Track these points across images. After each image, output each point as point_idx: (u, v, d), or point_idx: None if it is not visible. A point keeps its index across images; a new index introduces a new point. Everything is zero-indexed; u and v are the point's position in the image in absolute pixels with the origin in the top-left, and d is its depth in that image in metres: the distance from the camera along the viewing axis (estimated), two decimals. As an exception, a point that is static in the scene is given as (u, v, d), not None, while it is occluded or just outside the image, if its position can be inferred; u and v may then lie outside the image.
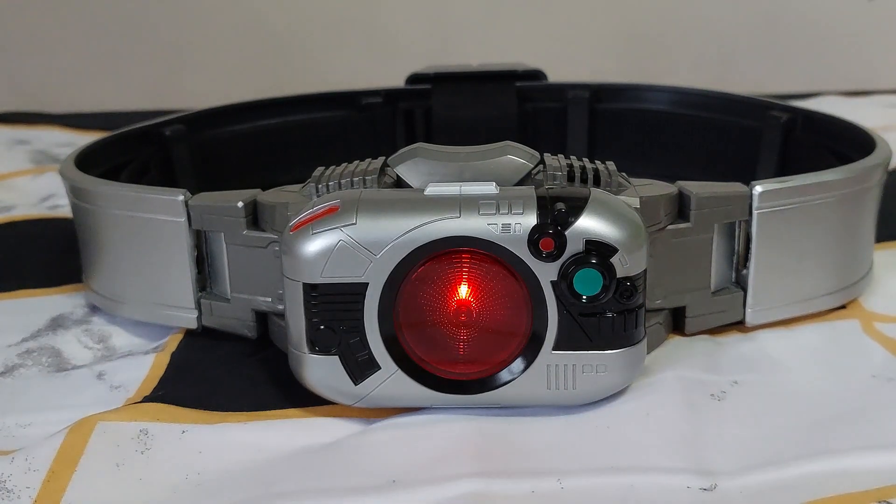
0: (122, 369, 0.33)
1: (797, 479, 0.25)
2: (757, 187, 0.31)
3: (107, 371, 0.33)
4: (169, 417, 0.29)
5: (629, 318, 0.27)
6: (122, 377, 0.32)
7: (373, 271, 0.27)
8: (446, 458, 0.27)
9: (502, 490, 0.25)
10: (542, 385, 0.28)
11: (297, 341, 0.28)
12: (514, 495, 0.25)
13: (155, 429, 0.28)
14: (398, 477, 0.26)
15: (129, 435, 0.28)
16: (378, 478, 0.26)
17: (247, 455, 0.27)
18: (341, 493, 0.25)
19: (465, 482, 0.25)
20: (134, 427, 0.28)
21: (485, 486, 0.25)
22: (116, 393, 0.31)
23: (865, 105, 0.66)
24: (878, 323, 0.34)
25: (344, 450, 0.27)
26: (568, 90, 0.50)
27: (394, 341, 0.27)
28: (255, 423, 0.29)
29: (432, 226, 0.27)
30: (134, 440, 0.28)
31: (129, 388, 0.31)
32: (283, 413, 0.29)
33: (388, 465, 0.26)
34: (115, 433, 0.28)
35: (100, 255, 0.35)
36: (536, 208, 0.26)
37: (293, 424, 0.29)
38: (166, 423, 0.28)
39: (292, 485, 0.26)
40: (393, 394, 0.28)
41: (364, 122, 0.50)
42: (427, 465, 0.26)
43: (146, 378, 0.32)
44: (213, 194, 0.32)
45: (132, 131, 0.43)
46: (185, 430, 0.28)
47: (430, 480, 0.25)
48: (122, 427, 0.28)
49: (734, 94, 0.48)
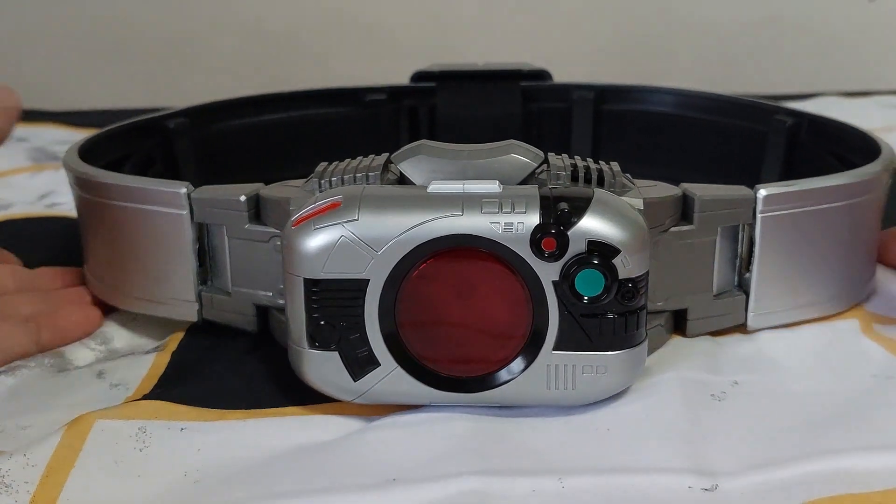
0: (122, 368, 0.33)
1: (798, 480, 0.25)
2: (761, 191, 0.31)
3: (106, 370, 0.33)
4: (168, 415, 0.29)
5: (630, 320, 0.27)
6: (121, 375, 0.32)
7: (374, 268, 0.27)
8: (446, 456, 0.26)
9: (502, 489, 0.25)
10: (542, 385, 0.28)
11: (297, 337, 0.28)
12: (515, 494, 0.25)
13: (153, 426, 0.28)
14: (398, 475, 0.26)
15: (127, 432, 0.28)
16: (378, 476, 0.26)
17: (246, 453, 0.27)
18: (341, 491, 0.25)
19: (465, 481, 0.25)
20: (132, 425, 0.28)
21: (485, 484, 0.25)
22: (116, 391, 0.31)
23: (866, 105, 0.66)
24: (878, 324, 0.34)
25: (343, 448, 0.27)
26: (573, 91, 0.50)
27: (394, 338, 0.27)
28: (254, 420, 0.29)
29: (434, 223, 0.26)
30: (132, 437, 0.28)
31: (129, 386, 0.31)
32: (282, 411, 0.29)
33: (387, 463, 0.26)
34: (113, 430, 0.28)
35: (102, 246, 0.35)
36: (539, 208, 0.26)
37: (292, 422, 0.29)
38: (165, 421, 0.28)
39: (291, 483, 0.26)
40: (392, 390, 0.28)
41: (368, 118, 0.50)
42: (427, 463, 0.26)
43: (146, 376, 0.32)
44: (216, 188, 0.32)
45: (135, 123, 0.43)
46: (183, 427, 0.28)
47: (429, 479, 0.25)
48: (120, 424, 0.28)
49: (739, 98, 0.48)
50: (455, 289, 0.27)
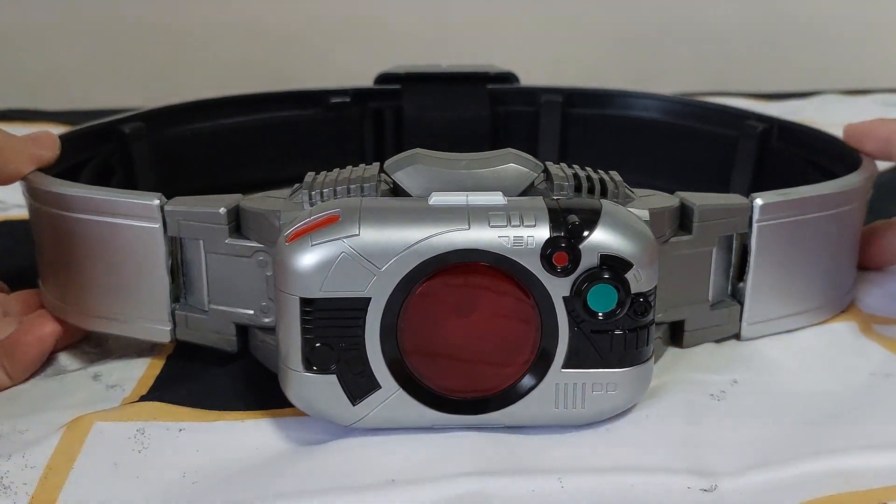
0: (117, 370, 0.32)
1: (796, 479, 0.25)
2: (757, 200, 0.31)
3: (102, 372, 0.32)
4: (166, 416, 0.28)
5: (641, 336, 0.26)
6: (117, 377, 0.32)
7: (376, 285, 0.25)
8: (445, 457, 0.26)
9: (502, 489, 0.25)
10: (551, 404, 0.27)
11: (290, 358, 0.26)
12: (514, 495, 0.25)
13: (152, 427, 0.28)
14: (397, 476, 0.25)
15: (126, 434, 0.27)
16: (376, 477, 0.25)
17: (244, 454, 0.27)
18: (339, 492, 0.25)
19: (464, 481, 0.25)
20: (131, 426, 0.28)
21: (484, 485, 0.25)
22: (113, 393, 0.31)
23: (864, 104, 0.67)
24: (877, 325, 0.35)
25: (342, 448, 0.27)
26: (541, 94, 0.49)
27: (396, 359, 0.26)
28: (253, 421, 0.28)
29: (440, 238, 0.25)
30: (131, 439, 0.27)
31: (125, 388, 0.31)
32: (281, 412, 0.28)
33: (386, 464, 0.26)
34: (112, 432, 0.27)
35: (62, 263, 0.32)
36: (549, 220, 0.25)
37: (291, 423, 0.28)
38: (163, 422, 0.28)
39: (290, 484, 0.25)
40: (393, 415, 0.26)
41: (332, 121, 0.48)
42: (426, 464, 0.26)
43: (142, 378, 0.31)
44: (191, 199, 0.30)
45: (90, 128, 0.40)
46: (182, 428, 0.28)
47: (428, 479, 0.25)
48: (119, 426, 0.28)
49: (710, 103, 0.48)
50: (461, 306, 0.26)
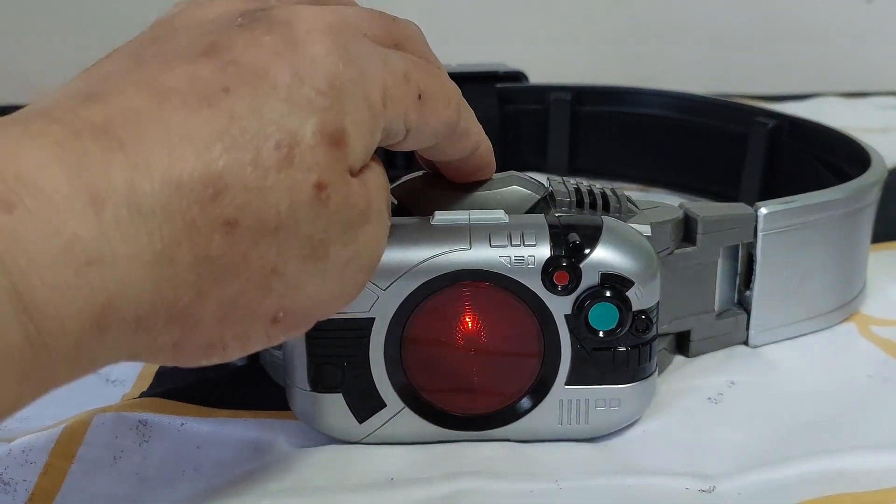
0: (118, 366, 0.32)
1: (794, 480, 0.25)
2: (762, 209, 0.31)
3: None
4: (167, 411, 0.28)
5: (643, 352, 0.26)
6: (118, 372, 0.32)
7: (379, 306, 0.26)
8: (444, 457, 0.26)
9: (501, 490, 0.25)
10: (554, 420, 0.27)
11: (297, 378, 0.27)
12: (513, 495, 0.25)
13: (153, 423, 0.28)
14: (396, 475, 0.26)
15: (127, 427, 0.27)
16: (376, 476, 0.26)
17: (245, 452, 0.27)
18: (339, 491, 0.25)
19: (463, 481, 0.25)
20: (132, 420, 0.28)
21: (483, 486, 0.25)
22: (113, 388, 0.31)
23: (864, 106, 0.66)
24: (875, 326, 0.34)
25: (342, 448, 0.27)
26: (549, 92, 0.49)
27: (401, 378, 0.26)
28: (255, 420, 0.28)
29: (442, 258, 0.25)
30: (132, 432, 0.27)
31: (125, 382, 0.31)
32: (284, 414, 0.29)
33: (385, 463, 0.26)
34: (112, 427, 0.27)
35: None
36: (549, 239, 0.25)
37: (291, 423, 0.28)
38: (164, 416, 0.28)
39: (290, 482, 0.25)
40: (399, 431, 0.27)
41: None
42: (425, 464, 0.26)
43: (142, 373, 0.31)
44: None
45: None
46: (183, 423, 0.28)
47: (428, 479, 0.25)
48: (119, 421, 0.28)
49: (720, 99, 0.47)
50: (463, 325, 0.26)
